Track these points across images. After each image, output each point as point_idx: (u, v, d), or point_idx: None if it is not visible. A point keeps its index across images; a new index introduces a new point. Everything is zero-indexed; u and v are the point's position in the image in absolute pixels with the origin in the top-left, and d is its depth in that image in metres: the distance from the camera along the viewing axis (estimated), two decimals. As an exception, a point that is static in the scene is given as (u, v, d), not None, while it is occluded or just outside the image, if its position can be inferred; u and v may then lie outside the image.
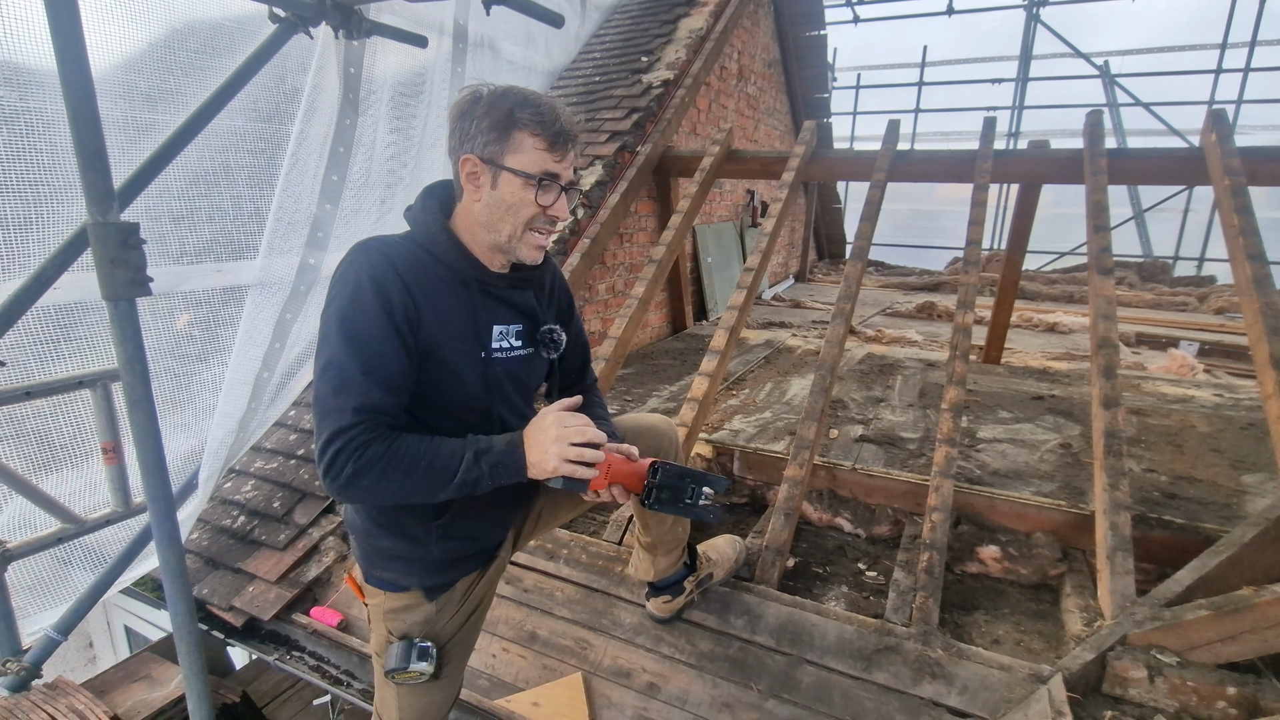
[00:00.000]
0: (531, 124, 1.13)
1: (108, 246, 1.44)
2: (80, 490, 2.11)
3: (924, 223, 14.18)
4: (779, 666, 1.74)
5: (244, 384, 2.21)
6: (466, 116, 1.14)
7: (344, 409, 1.05)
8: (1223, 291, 7.65)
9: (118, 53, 2.02)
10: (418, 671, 1.25)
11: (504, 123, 1.12)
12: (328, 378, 1.07)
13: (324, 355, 1.08)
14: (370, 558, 1.29)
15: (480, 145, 1.13)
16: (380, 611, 1.30)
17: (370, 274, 1.09)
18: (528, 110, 1.13)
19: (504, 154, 1.14)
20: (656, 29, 4.82)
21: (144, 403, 1.55)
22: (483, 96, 1.14)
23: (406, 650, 1.26)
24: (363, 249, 1.13)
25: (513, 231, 1.18)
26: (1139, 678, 1.52)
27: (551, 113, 1.14)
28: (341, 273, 1.11)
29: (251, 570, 2.26)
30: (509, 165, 1.14)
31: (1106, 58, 10.52)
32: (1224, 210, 2.70)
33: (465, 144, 1.14)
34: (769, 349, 4.51)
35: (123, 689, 1.95)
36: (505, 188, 1.15)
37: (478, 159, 1.14)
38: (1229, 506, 2.19)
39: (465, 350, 1.19)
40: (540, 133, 1.14)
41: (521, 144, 1.13)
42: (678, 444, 1.54)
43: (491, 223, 1.18)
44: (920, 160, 3.59)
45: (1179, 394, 3.46)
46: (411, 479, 1.07)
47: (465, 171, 1.16)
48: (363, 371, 1.06)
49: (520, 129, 1.13)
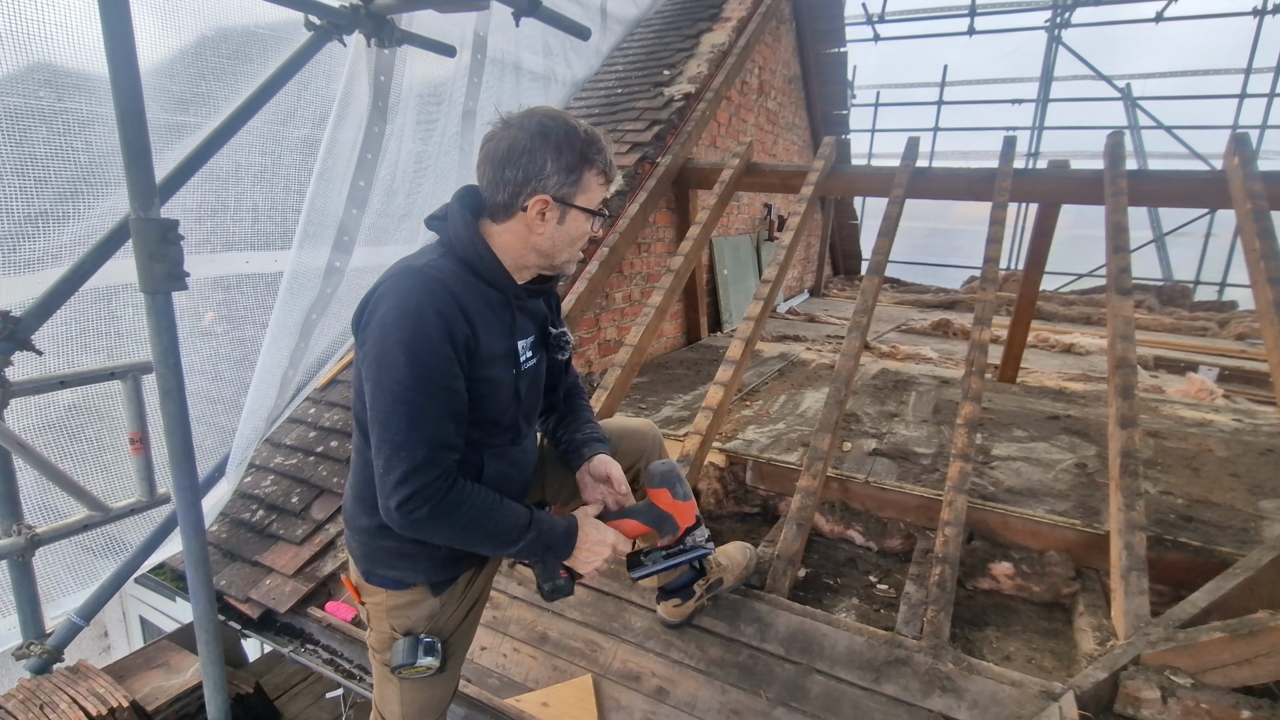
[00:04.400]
0: (599, 163, 1.20)
1: (148, 241, 1.49)
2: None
3: (941, 241, 14.14)
4: (788, 675, 1.74)
5: (271, 381, 2.25)
6: (536, 155, 1.15)
7: (420, 444, 1.07)
8: (1244, 317, 7.56)
9: (152, 57, 2.08)
10: (425, 666, 1.27)
11: (578, 165, 1.17)
12: (401, 411, 1.07)
13: (392, 387, 1.07)
14: (374, 557, 1.29)
15: (555, 186, 1.17)
16: (382, 610, 1.30)
17: (435, 307, 1.08)
18: (595, 149, 1.18)
19: (576, 195, 1.19)
20: (679, 43, 4.88)
21: (176, 394, 1.60)
22: (550, 133, 1.15)
23: (413, 646, 1.27)
24: (419, 276, 1.11)
25: (569, 255, 1.28)
26: (1152, 698, 1.51)
27: (607, 149, 1.21)
28: (400, 302, 1.09)
29: (269, 563, 2.30)
30: (579, 205, 1.20)
31: (1128, 80, 10.49)
32: (1246, 234, 2.69)
33: (538, 184, 1.16)
34: (783, 362, 4.52)
35: (141, 675, 1.98)
36: (573, 224, 1.22)
37: (552, 199, 1.17)
38: (1246, 531, 2.18)
39: (506, 368, 1.24)
40: (604, 170, 1.21)
41: (590, 184, 1.20)
42: (660, 445, 1.63)
43: (553, 251, 1.24)
44: (939, 177, 3.61)
45: (1197, 418, 3.43)
46: (477, 535, 1.14)
47: (535, 210, 1.17)
48: (435, 407, 1.09)
49: (590, 169, 1.19)
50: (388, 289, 1.12)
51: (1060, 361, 5.53)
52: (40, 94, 1.87)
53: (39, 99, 1.86)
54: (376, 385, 1.09)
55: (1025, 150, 11.00)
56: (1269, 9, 8.95)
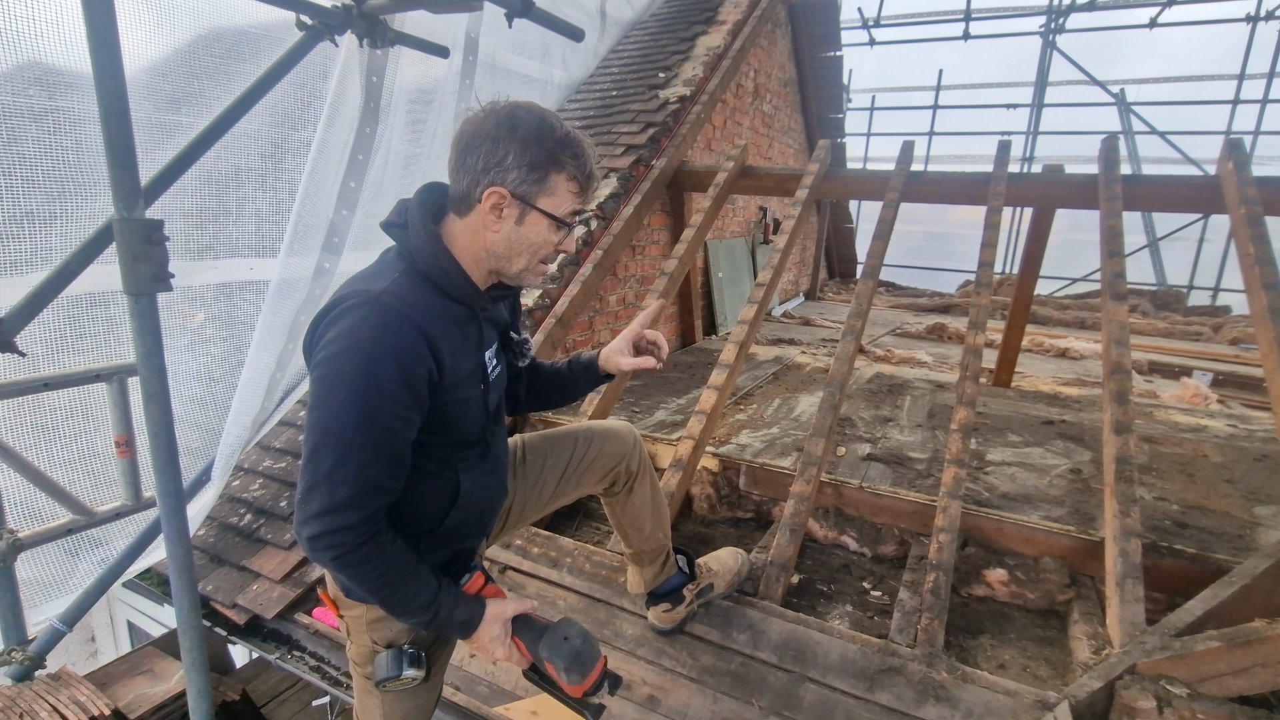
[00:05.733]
0: (571, 166, 1.10)
1: (132, 242, 1.47)
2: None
3: (936, 245, 14.19)
4: (781, 683, 1.72)
5: (259, 383, 2.23)
6: (500, 144, 1.07)
7: (342, 483, 1.00)
8: (1238, 322, 7.58)
9: (144, 56, 2.06)
10: (410, 678, 1.23)
11: (544, 163, 1.08)
12: (331, 446, 1.00)
13: (326, 419, 1.00)
14: None
15: (515, 182, 1.08)
16: (362, 623, 1.26)
17: (390, 343, 1.01)
18: (568, 153, 1.10)
19: (538, 195, 1.10)
20: (675, 46, 4.88)
21: (160, 397, 1.57)
22: (519, 124, 1.07)
23: (397, 658, 1.23)
24: (377, 306, 1.01)
25: (526, 265, 1.17)
26: (1147, 708, 1.49)
27: (587, 156, 1.12)
28: (354, 333, 1.00)
29: (256, 568, 2.27)
30: (541, 207, 1.11)
31: (1123, 85, 10.54)
32: (1240, 239, 2.69)
33: (497, 175, 1.08)
34: (778, 365, 4.51)
35: (124, 682, 1.95)
36: (531, 227, 1.13)
37: (509, 195, 1.09)
38: (1241, 538, 2.17)
39: (475, 383, 1.18)
40: (576, 176, 1.12)
41: (557, 187, 1.11)
42: (641, 448, 1.60)
43: (508, 255, 1.15)
44: (934, 181, 3.60)
45: (1192, 423, 3.43)
46: (375, 595, 1.09)
47: (489, 203, 1.09)
48: (369, 449, 1.02)
49: (559, 171, 1.10)
50: (343, 314, 1.02)
51: (1055, 366, 5.53)
52: (30, 93, 1.85)
53: (29, 98, 1.84)
54: (314, 410, 1.02)
55: (1020, 155, 11.04)
56: (1262, 15, 8.99)
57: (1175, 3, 9.18)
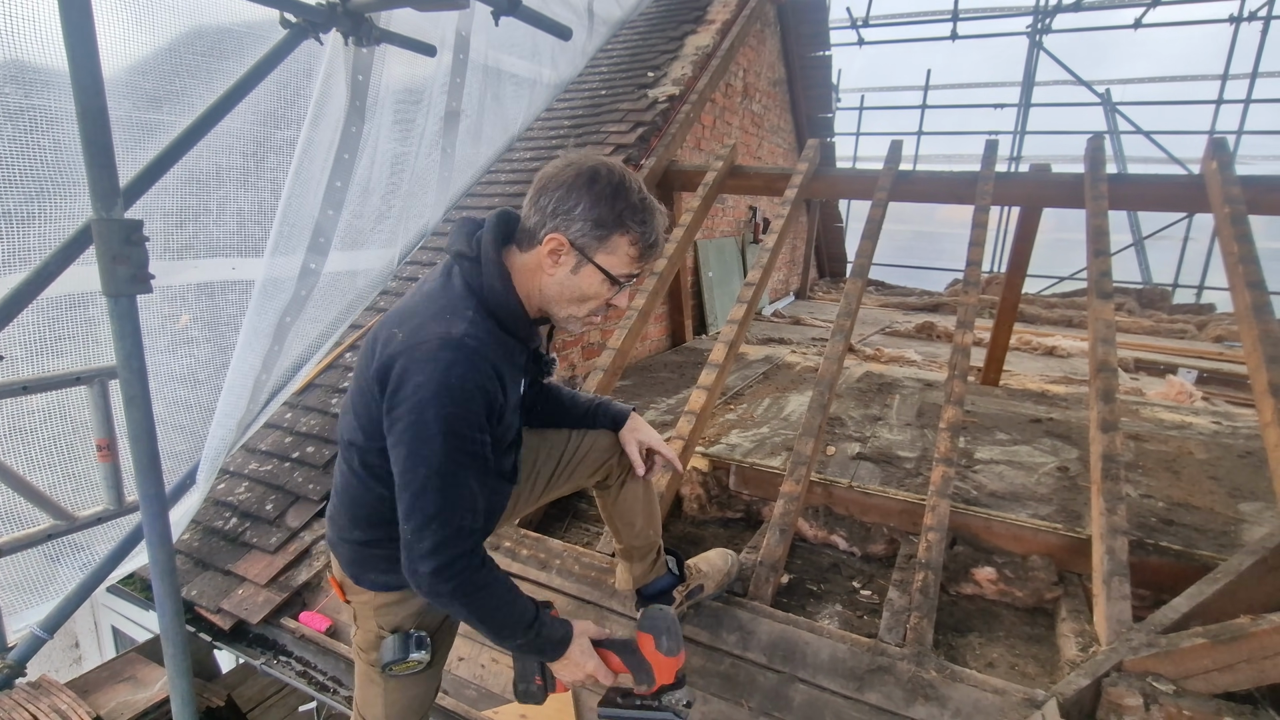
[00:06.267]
0: (635, 232, 1.14)
1: (111, 243, 1.44)
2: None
3: (924, 244, 14.27)
4: (770, 684, 1.72)
5: (244, 385, 2.20)
6: (572, 194, 1.11)
7: (452, 516, 1.07)
8: (1221, 320, 7.67)
9: (125, 54, 2.03)
10: (415, 661, 1.28)
11: (610, 223, 1.12)
12: (435, 485, 1.06)
13: (430, 459, 1.06)
14: (366, 563, 1.30)
15: (577, 233, 1.12)
16: (369, 608, 1.31)
17: (478, 383, 1.07)
18: (636, 218, 1.13)
19: (598, 251, 1.14)
20: (663, 45, 4.87)
21: (140, 400, 1.55)
22: (597, 180, 1.11)
23: (404, 641, 1.28)
24: (461, 350, 1.06)
25: (573, 312, 1.21)
26: (1134, 705, 1.50)
27: (655, 226, 1.16)
28: (442, 377, 1.05)
29: (241, 573, 2.24)
30: (598, 262, 1.15)
31: (1108, 85, 10.63)
32: (1224, 237, 2.71)
33: (562, 223, 1.12)
34: (768, 365, 4.51)
35: (107, 689, 1.93)
36: (585, 279, 1.16)
37: (569, 244, 1.13)
38: (1226, 534, 2.18)
39: (517, 412, 1.25)
40: (639, 242, 1.15)
41: (618, 248, 1.15)
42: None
43: (557, 299, 1.19)
44: (922, 180, 3.61)
45: (1177, 420, 3.46)
46: (486, 621, 1.15)
47: (549, 248, 1.13)
48: (468, 480, 1.09)
49: (623, 234, 1.14)
50: (429, 358, 1.05)
51: (1042, 364, 5.57)
52: (6, 90, 1.81)
53: (4, 96, 1.81)
54: (412, 454, 1.06)
55: (1007, 154, 11.11)
56: (1245, 16, 9.09)
57: (1160, 3, 9.27)
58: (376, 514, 1.24)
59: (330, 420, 2.77)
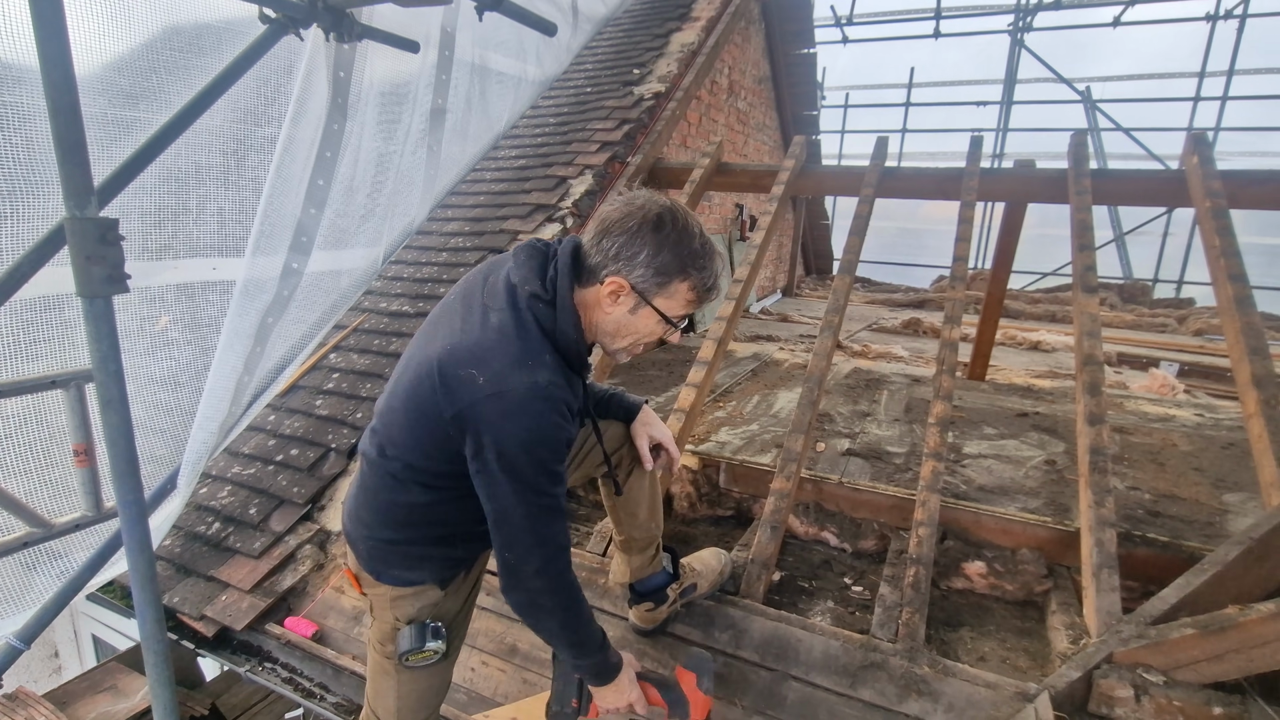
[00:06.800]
0: (695, 278, 1.17)
1: (85, 242, 1.41)
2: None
3: (909, 241, 14.36)
4: (763, 682, 1.71)
5: (225, 387, 2.16)
6: (636, 240, 1.14)
7: (550, 539, 1.17)
8: (1201, 314, 7.78)
9: (98, 50, 1.99)
10: (432, 650, 1.30)
11: (672, 270, 1.15)
12: (530, 520, 1.14)
13: (527, 495, 1.13)
14: (390, 560, 1.30)
15: (639, 279, 1.16)
16: (386, 600, 1.32)
17: (563, 426, 1.14)
18: (696, 265, 1.16)
19: (657, 295, 1.18)
20: (648, 42, 4.85)
21: (118, 403, 1.51)
22: (662, 227, 1.13)
23: (420, 631, 1.30)
24: (551, 401, 1.11)
25: (626, 345, 1.26)
26: (1125, 697, 1.51)
27: (714, 271, 1.20)
28: (534, 421, 1.10)
29: (225, 578, 2.20)
30: (657, 305, 1.19)
31: (1088, 83, 10.74)
32: (1206, 231, 2.74)
33: (624, 268, 1.15)
34: (756, 362, 4.51)
35: (86, 700, 1.88)
36: (643, 319, 1.21)
37: (630, 287, 1.16)
38: (1211, 525, 2.20)
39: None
40: (697, 288, 1.19)
41: (677, 293, 1.18)
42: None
43: (613, 335, 1.24)
44: (908, 177, 3.62)
45: (1160, 413, 3.50)
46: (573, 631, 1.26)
47: (609, 289, 1.17)
48: (559, 505, 1.18)
49: (683, 280, 1.17)
50: (516, 410, 1.09)
51: (1027, 359, 5.62)
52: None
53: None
54: (513, 493, 1.13)
55: (990, 152, 11.20)
56: (1221, 15, 9.22)
57: (1138, 1, 9.37)
58: (414, 517, 1.26)
59: (315, 422, 2.73)
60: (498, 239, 3.50)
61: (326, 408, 2.79)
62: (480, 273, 1.31)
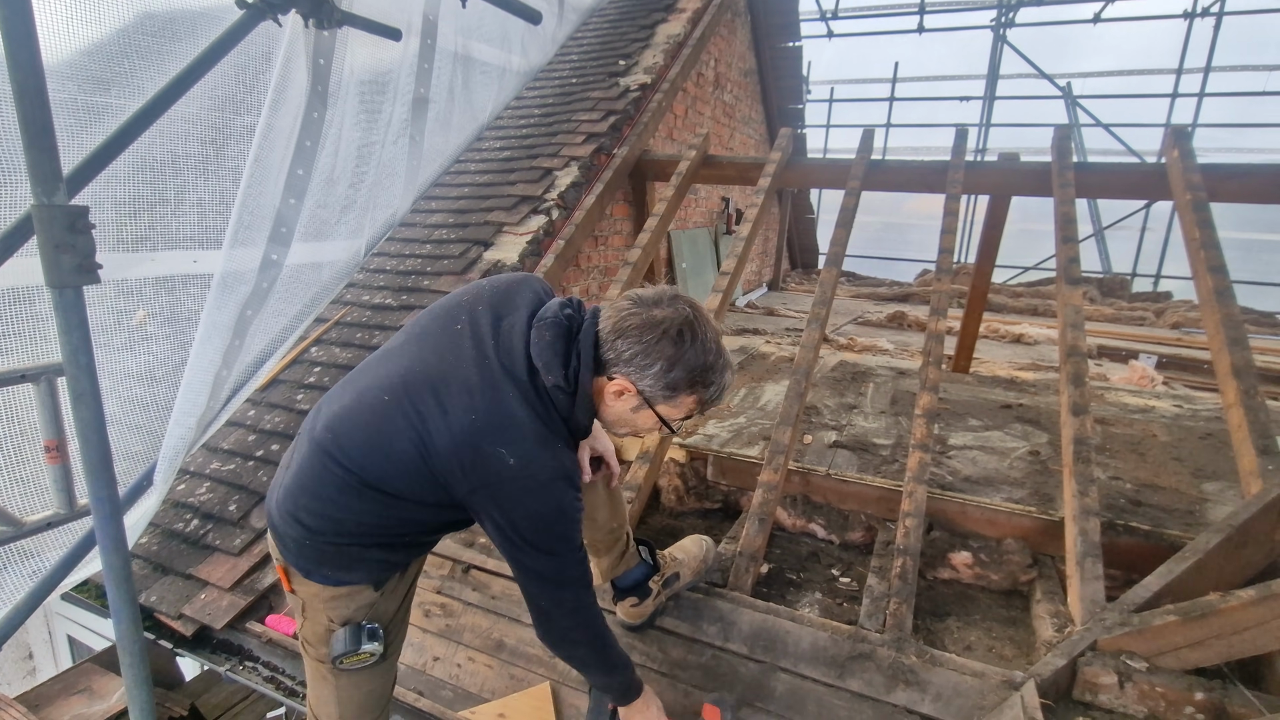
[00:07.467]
0: (702, 393, 1.19)
1: (53, 230, 1.36)
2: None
3: (894, 235, 14.44)
4: (752, 674, 1.71)
5: (203, 382, 2.11)
6: (651, 353, 1.14)
7: (579, 584, 1.26)
8: (1178, 307, 7.89)
9: (68, 33, 1.93)
10: (368, 653, 1.27)
11: (682, 387, 1.17)
12: (567, 569, 1.23)
13: (556, 558, 1.20)
14: (325, 559, 1.23)
15: (647, 387, 1.17)
16: (318, 600, 1.26)
17: (579, 499, 1.20)
18: (707, 382, 1.18)
19: (661, 403, 1.20)
20: (634, 33, 4.82)
21: (89, 397, 1.47)
22: (681, 343, 1.14)
23: (355, 633, 1.26)
24: (570, 481, 1.17)
25: (619, 431, 1.31)
26: (1109, 683, 1.52)
27: (722, 386, 1.21)
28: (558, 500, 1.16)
29: (204, 576, 2.16)
30: (659, 411, 1.21)
31: (1069, 79, 10.83)
32: (1186, 224, 2.77)
33: (635, 374, 1.16)
34: (743, 355, 4.51)
35: (60, 702, 1.84)
36: (643, 418, 1.24)
37: (635, 391, 1.18)
38: (1191, 513, 2.23)
39: None
40: (702, 400, 1.21)
41: (681, 403, 1.20)
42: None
43: (611, 423, 1.28)
44: (894, 169, 3.63)
45: (1140, 404, 3.54)
46: (602, 659, 1.36)
47: (616, 388, 1.18)
48: (585, 559, 1.28)
49: (690, 395, 1.19)
50: (543, 491, 1.14)
51: (1011, 351, 5.67)
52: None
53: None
54: (543, 557, 1.19)
55: (973, 146, 11.27)
56: (1198, 12, 9.34)
57: (1116, -3, 9.46)
58: (363, 524, 1.21)
59: (297, 417, 2.69)
60: (482, 230, 3.46)
61: (308, 402, 2.74)
62: (488, 308, 1.24)
